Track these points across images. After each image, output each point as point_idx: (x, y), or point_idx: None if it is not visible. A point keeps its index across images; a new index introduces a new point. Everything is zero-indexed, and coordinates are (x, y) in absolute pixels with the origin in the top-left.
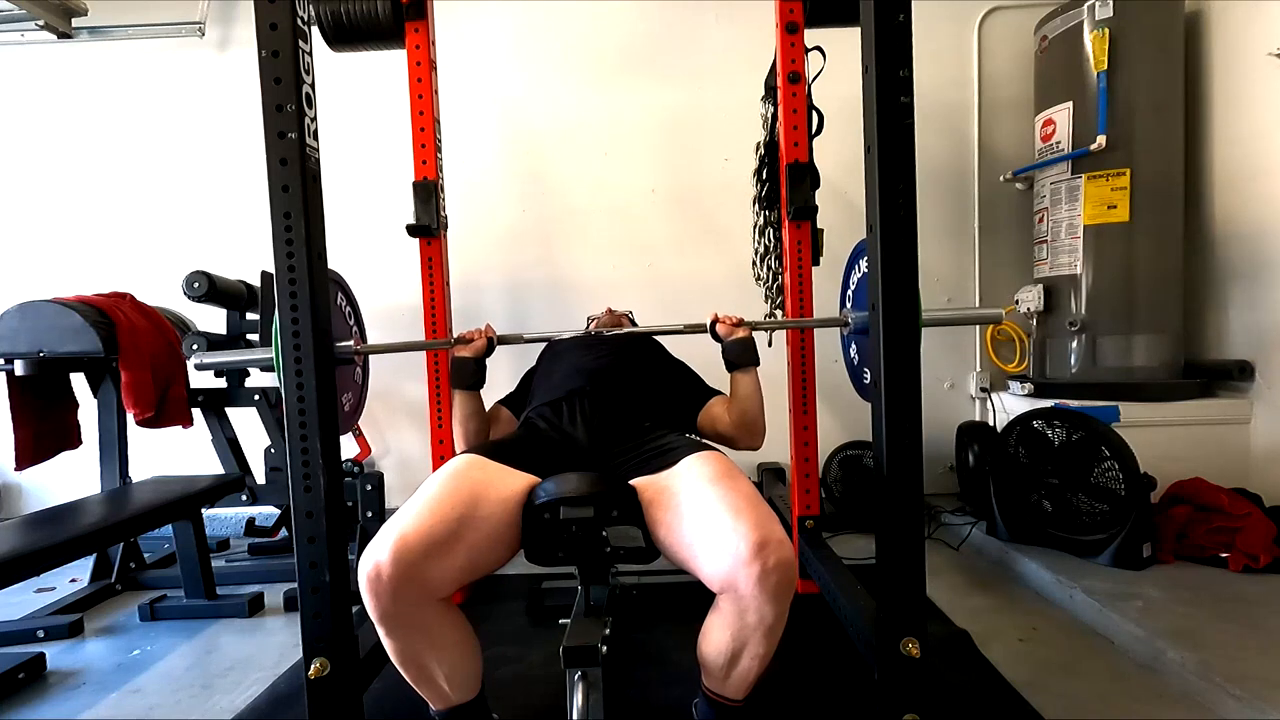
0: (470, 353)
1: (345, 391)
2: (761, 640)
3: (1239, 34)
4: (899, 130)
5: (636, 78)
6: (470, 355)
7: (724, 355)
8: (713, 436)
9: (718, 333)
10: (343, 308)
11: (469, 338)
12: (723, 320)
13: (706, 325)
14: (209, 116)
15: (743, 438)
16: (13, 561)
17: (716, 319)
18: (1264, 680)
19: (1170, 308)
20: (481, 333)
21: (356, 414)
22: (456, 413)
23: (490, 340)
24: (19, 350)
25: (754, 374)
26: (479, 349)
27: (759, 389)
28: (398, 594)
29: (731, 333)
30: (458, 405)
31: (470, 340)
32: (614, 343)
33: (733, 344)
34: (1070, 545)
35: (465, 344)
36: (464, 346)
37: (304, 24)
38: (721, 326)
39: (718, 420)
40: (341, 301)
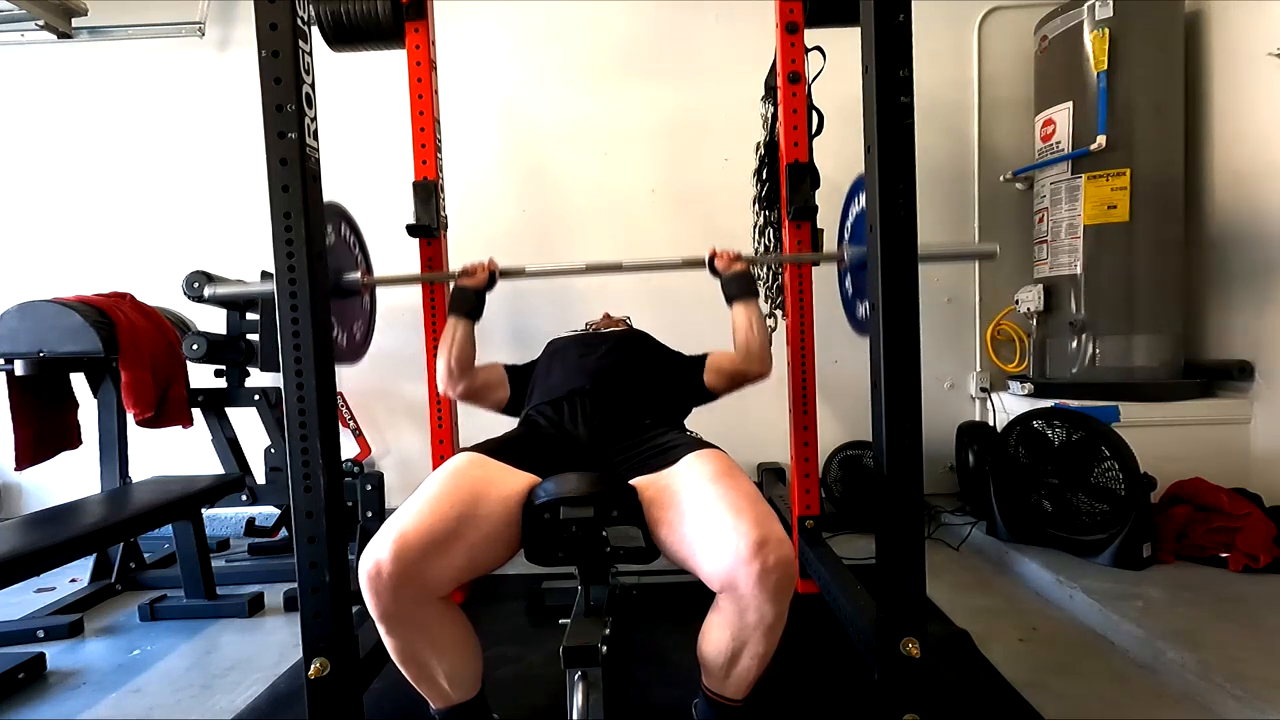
0: (472, 284)
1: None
2: (761, 639)
3: (1239, 34)
4: (899, 130)
5: (636, 77)
6: (472, 286)
7: (724, 289)
8: (727, 382)
9: (716, 267)
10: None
11: (472, 270)
12: (720, 255)
13: (705, 259)
14: (209, 116)
15: (752, 366)
16: (13, 561)
17: (715, 253)
18: (1264, 680)
19: (1170, 308)
20: (484, 266)
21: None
22: (446, 336)
23: (492, 274)
24: (19, 350)
25: (754, 304)
26: (480, 281)
27: (761, 317)
28: (398, 592)
29: (730, 267)
30: (450, 329)
31: (473, 273)
32: (614, 341)
33: (731, 276)
34: (1070, 545)
35: (468, 276)
36: (467, 278)
37: (304, 24)
38: (719, 261)
39: (723, 365)
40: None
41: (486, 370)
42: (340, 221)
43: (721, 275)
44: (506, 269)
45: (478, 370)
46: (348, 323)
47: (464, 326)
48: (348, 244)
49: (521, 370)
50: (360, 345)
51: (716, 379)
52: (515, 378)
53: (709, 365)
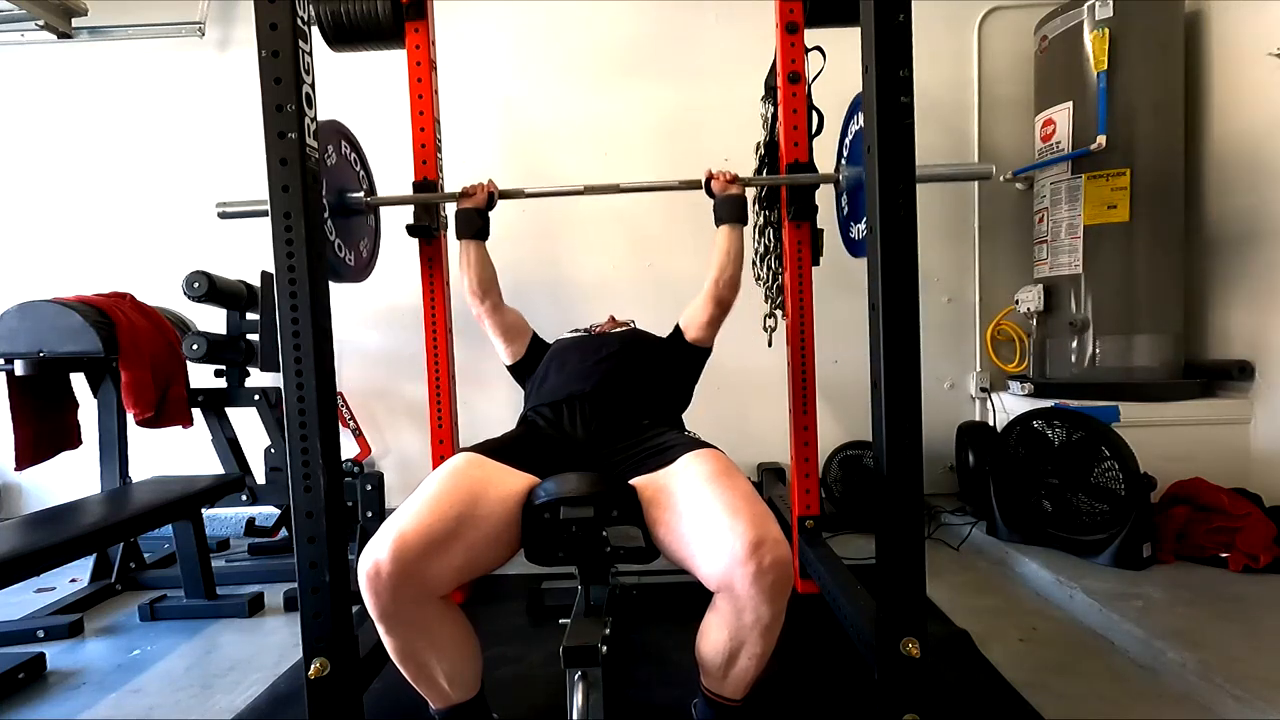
0: (472, 204)
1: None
2: (759, 639)
3: (1239, 34)
4: (899, 130)
5: (637, 77)
6: (473, 207)
7: (715, 210)
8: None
9: (711, 188)
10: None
11: (471, 191)
12: (716, 176)
13: (702, 180)
14: (209, 116)
15: (720, 288)
16: (13, 561)
17: (711, 175)
18: (1264, 680)
19: (1170, 308)
20: (483, 186)
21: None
22: (463, 259)
23: (491, 194)
24: (19, 350)
25: (740, 230)
26: (480, 201)
27: (741, 243)
28: (397, 592)
29: (725, 189)
30: (464, 251)
31: (472, 194)
32: (615, 344)
33: (724, 199)
34: (1070, 545)
35: (468, 197)
36: (467, 199)
37: (304, 24)
38: (715, 183)
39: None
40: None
41: (515, 313)
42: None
43: (715, 196)
44: (505, 190)
45: (505, 306)
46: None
47: (475, 246)
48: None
49: (539, 346)
50: (366, 263)
51: (697, 331)
52: (534, 346)
53: (684, 325)
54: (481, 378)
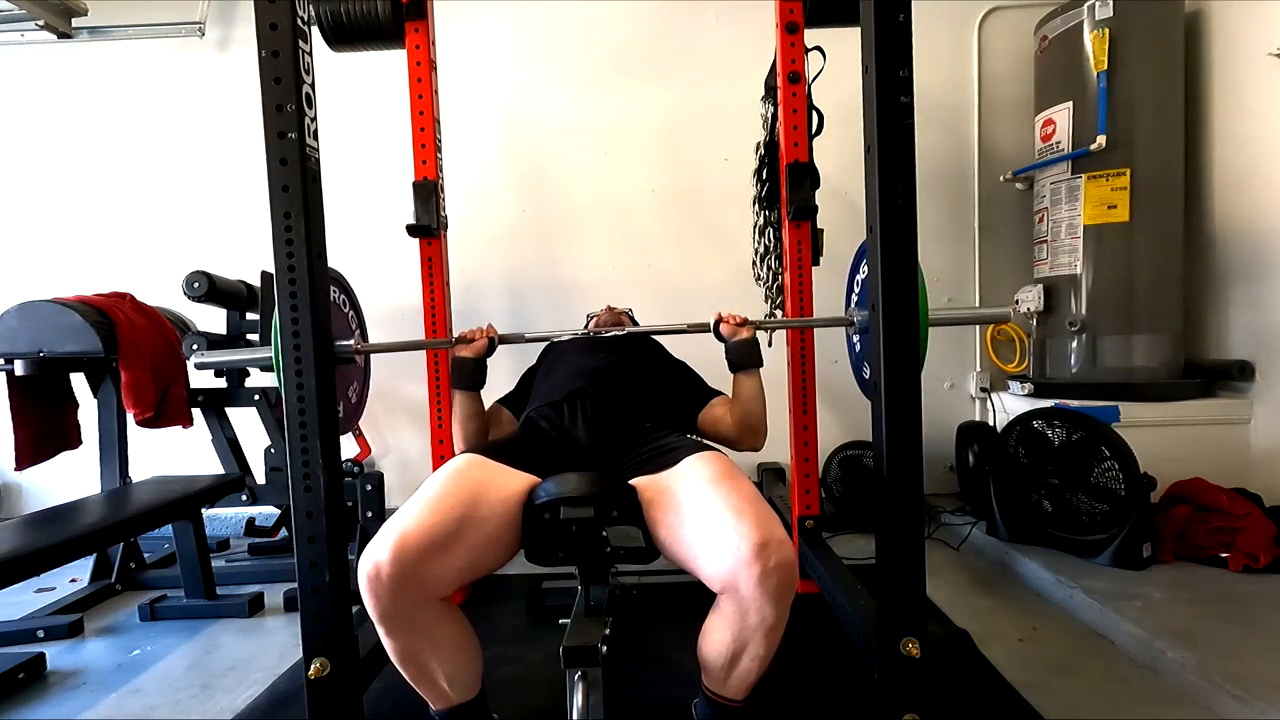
0: (471, 353)
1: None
2: (762, 641)
3: (1239, 34)
4: (899, 130)
5: (637, 77)
6: (471, 355)
7: (727, 356)
8: (713, 437)
9: (721, 333)
10: (343, 306)
11: (470, 337)
12: (726, 320)
13: (710, 325)
14: (209, 116)
15: (745, 439)
16: (13, 561)
17: (720, 319)
18: (1264, 680)
19: (1170, 308)
20: (483, 332)
21: (358, 413)
22: (456, 413)
23: (491, 340)
24: (19, 350)
25: (757, 375)
26: (480, 349)
27: (762, 390)
28: (397, 593)
29: (735, 333)
30: (458, 406)
31: (471, 340)
32: (615, 343)
33: (736, 345)
34: (1070, 545)
35: (466, 344)
36: (465, 346)
37: (304, 24)
38: (725, 327)
39: (719, 421)
40: (342, 300)
41: (494, 417)
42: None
43: (726, 341)
44: (505, 335)
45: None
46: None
47: (471, 403)
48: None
49: (518, 392)
50: (356, 410)
51: (708, 425)
52: (515, 404)
53: (708, 409)
54: None
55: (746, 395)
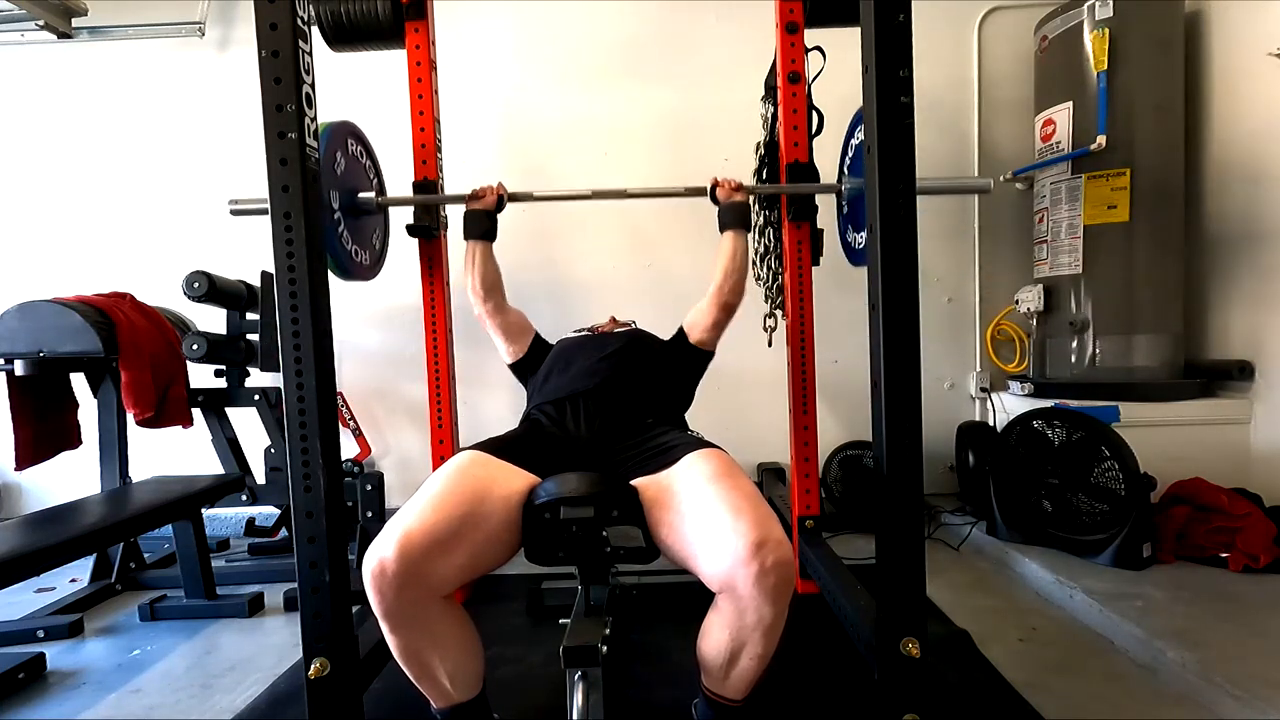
0: (482, 206)
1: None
2: (761, 640)
3: (1239, 34)
4: (899, 130)
5: (637, 77)
6: (482, 208)
7: (719, 216)
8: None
9: (717, 196)
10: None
11: (481, 193)
12: (722, 184)
13: (708, 187)
14: (209, 116)
15: (724, 293)
16: (13, 561)
17: (716, 182)
18: (1264, 680)
19: (1170, 308)
20: (493, 189)
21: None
22: (468, 259)
23: (501, 196)
24: (19, 350)
25: (744, 235)
26: (490, 203)
27: (746, 248)
28: (402, 591)
29: (730, 196)
30: (469, 252)
31: (482, 196)
32: (619, 342)
33: (729, 206)
34: (1070, 545)
35: (477, 199)
36: (476, 201)
37: (304, 24)
38: (721, 190)
39: (699, 319)
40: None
41: (517, 313)
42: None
43: (720, 204)
44: (515, 193)
45: (508, 307)
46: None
47: (481, 248)
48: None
49: (542, 346)
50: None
51: (700, 334)
52: (536, 345)
53: (688, 328)
54: (482, 378)
55: (730, 250)
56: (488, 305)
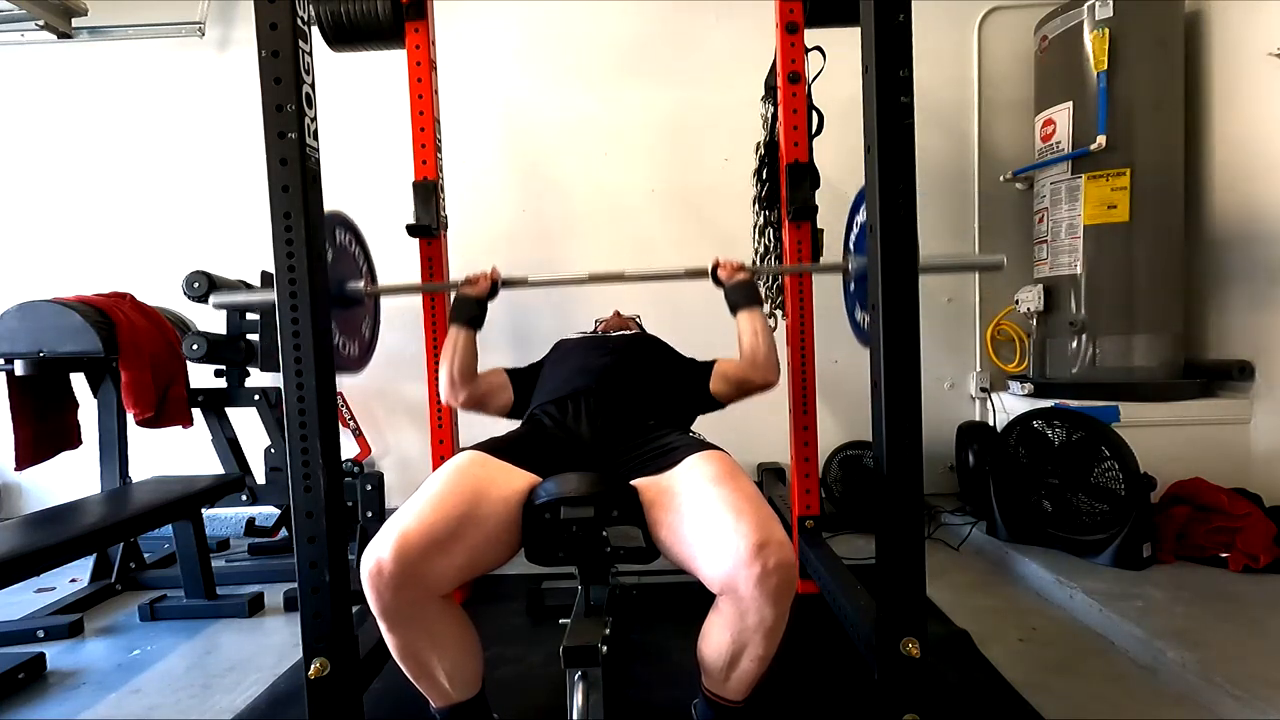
0: (474, 293)
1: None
2: (761, 641)
3: (1239, 34)
4: (899, 130)
5: (637, 77)
6: (474, 295)
7: (727, 299)
8: (734, 390)
9: (719, 277)
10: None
11: (474, 279)
12: (723, 265)
13: (708, 270)
14: (209, 116)
15: (756, 374)
16: (13, 561)
17: (718, 263)
18: (1264, 680)
19: (1170, 308)
20: (487, 275)
21: (370, 352)
22: (448, 346)
23: (494, 283)
24: (19, 350)
25: (758, 311)
26: (482, 291)
27: (766, 325)
28: (399, 591)
29: (733, 276)
30: (451, 339)
31: (475, 281)
32: (621, 343)
33: (734, 286)
34: (1070, 545)
35: (471, 285)
36: (469, 287)
37: (304, 24)
38: (722, 271)
39: (730, 374)
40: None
41: (489, 376)
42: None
43: (724, 285)
44: (509, 278)
45: (480, 378)
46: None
47: (465, 335)
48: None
49: (525, 372)
50: (365, 353)
51: (723, 386)
52: (519, 381)
53: (716, 372)
54: None
55: (750, 330)
56: (461, 394)
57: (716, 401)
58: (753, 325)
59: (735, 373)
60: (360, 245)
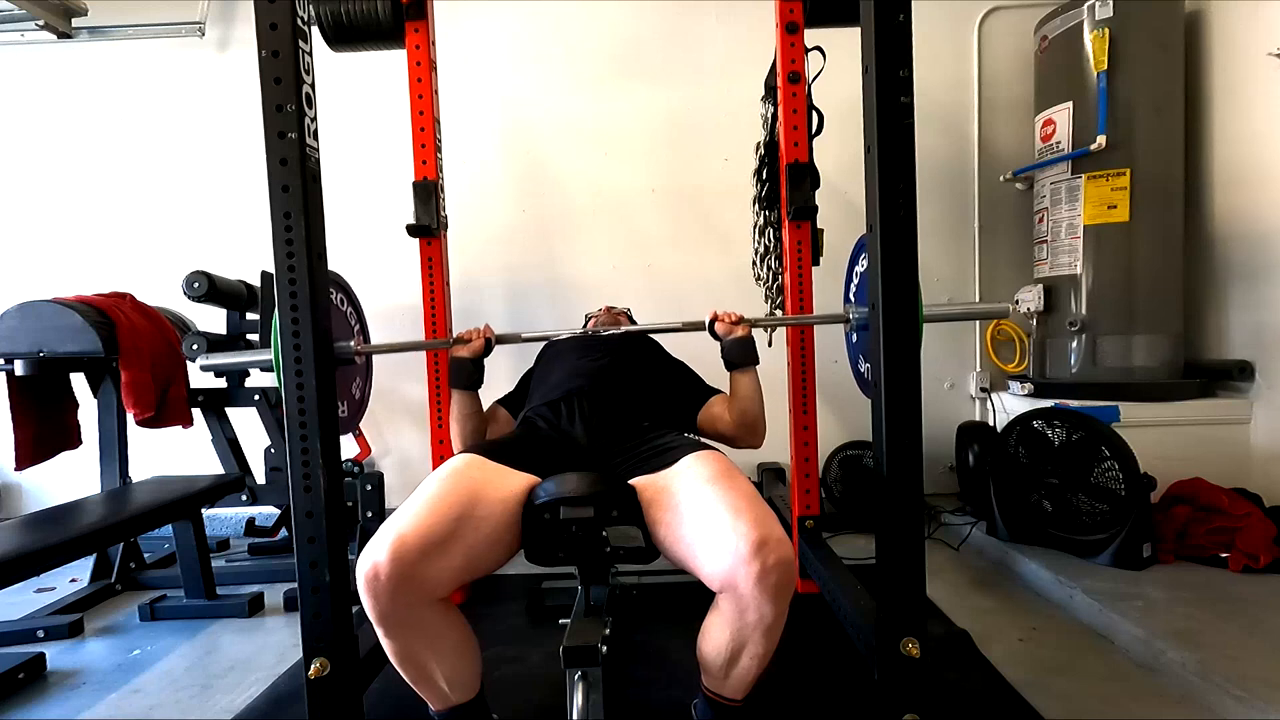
0: (468, 353)
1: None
2: (761, 639)
3: (1239, 34)
4: (899, 130)
5: (637, 77)
6: (468, 355)
7: (723, 354)
8: (713, 436)
9: (716, 331)
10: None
11: (467, 338)
12: (721, 318)
13: (705, 323)
14: (209, 116)
15: (743, 437)
16: (13, 561)
17: (715, 317)
18: (1264, 680)
19: (1170, 308)
20: (480, 333)
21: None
22: (454, 412)
23: (488, 340)
24: (19, 350)
25: (754, 373)
26: (477, 349)
27: (759, 388)
28: (396, 594)
29: (730, 331)
30: (455, 405)
31: (468, 340)
32: (613, 342)
33: (732, 343)
34: (1070, 545)
35: (464, 344)
36: (462, 346)
37: (304, 24)
38: (720, 325)
39: (718, 420)
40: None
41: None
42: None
43: (722, 340)
44: (502, 335)
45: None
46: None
47: (469, 402)
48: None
49: (516, 393)
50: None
51: (706, 424)
52: (513, 404)
53: (706, 407)
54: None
55: (744, 394)
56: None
57: (694, 428)
58: (747, 389)
59: (723, 426)
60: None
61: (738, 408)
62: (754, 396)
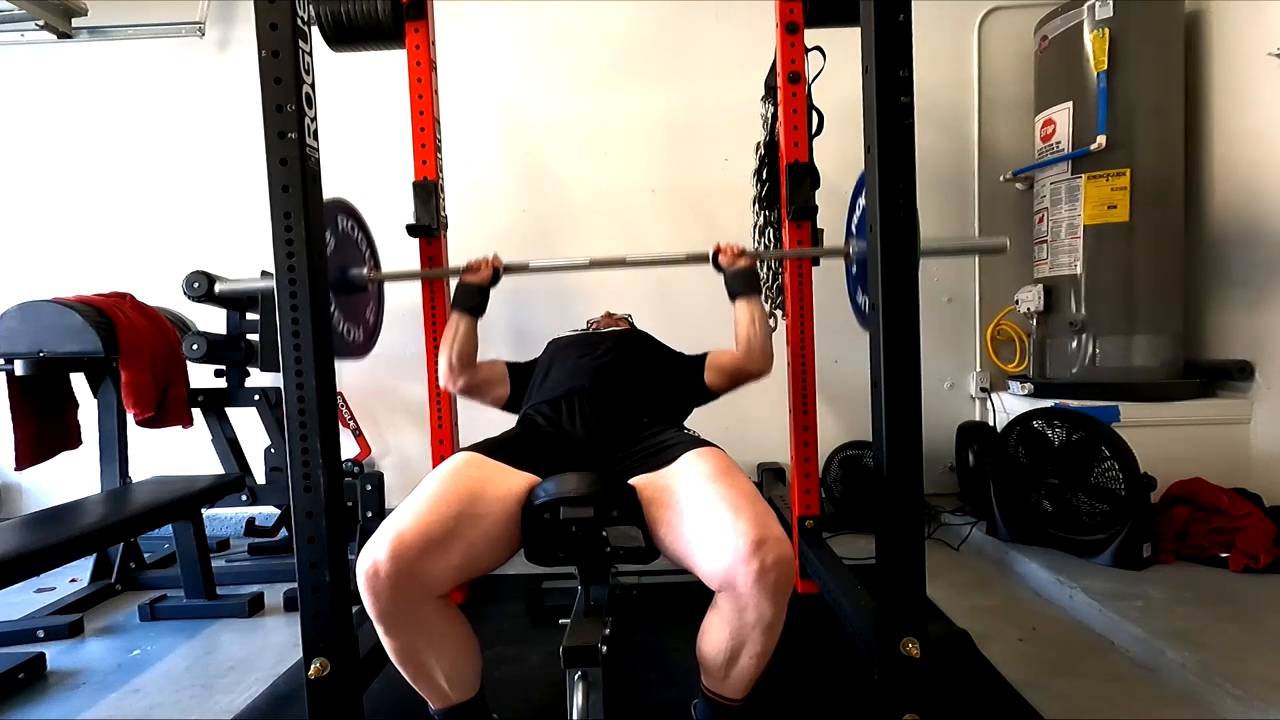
0: (477, 280)
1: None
2: (760, 638)
3: (1239, 34)
4: (899, 130)
5: (637, 77)
6: (475, 282)
7: (726, 285)
8: (728, 380)
9: (720, 263)
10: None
11: (476, 266)
12: (724, 250)
13: (709, 255)
14: (209, 116)
15: (753, 363)
16: (13, 561)
17: (719, 248)
18: (1264, 680)
19: (1170, 308)
20: (489, 262)
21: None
22: (449, 331)
23: (496, 270)
24: (19, 350)
25: (757, 301)
26: (485, 277)
27: (763, 313)
28: (395, 592)
29: (734, 263)
30: (452, 325)
31: (477, 269)
32: (614, 341)
33: (735, 272)
34: (1070, 545)
35: (473, 272)
36: (471, 274)
37: (304, 24)
38: (723, 256)
39: (725, 364)
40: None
41: (488, 366)
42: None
43: (725, 271)
44: (510, 264)
45: (479, 366)
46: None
47: (466, 322)
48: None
49: (523, 368)
50: (370, 338)
51: (717, 377)
52: (516, 375)
53: (709, 364)
54: None
55: (747, 319)
56: (460, 380)
57: (711, 393)
58: (750, 314)
59: (730, 364)
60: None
61: (743, 334)
62: (759, 322)
